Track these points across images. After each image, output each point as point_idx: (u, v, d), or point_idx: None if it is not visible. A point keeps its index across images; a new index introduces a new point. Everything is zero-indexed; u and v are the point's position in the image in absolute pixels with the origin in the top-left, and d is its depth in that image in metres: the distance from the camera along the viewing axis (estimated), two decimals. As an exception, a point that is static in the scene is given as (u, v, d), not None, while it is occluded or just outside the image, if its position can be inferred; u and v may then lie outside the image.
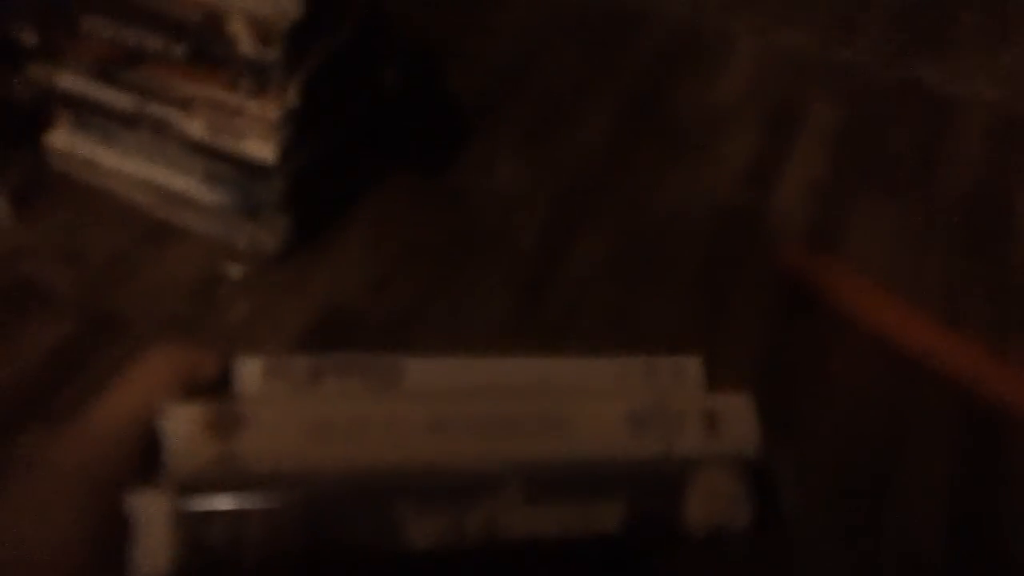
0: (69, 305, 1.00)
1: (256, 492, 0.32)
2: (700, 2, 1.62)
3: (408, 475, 0.34)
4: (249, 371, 0.35)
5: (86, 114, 1.09)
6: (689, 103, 1.44)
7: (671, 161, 1.33)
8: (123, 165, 1.11)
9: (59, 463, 0.33)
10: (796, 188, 1.32)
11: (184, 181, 1.09)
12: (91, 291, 1.02)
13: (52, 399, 0.90)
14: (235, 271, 1.08)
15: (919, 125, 1.43)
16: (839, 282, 1.16)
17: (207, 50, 0.97)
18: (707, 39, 1.56)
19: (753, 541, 0.35)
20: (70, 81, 1.06)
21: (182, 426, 0.32)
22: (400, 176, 1.20)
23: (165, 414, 0.32)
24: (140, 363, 0.36)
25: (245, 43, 0.94)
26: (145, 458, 0.33)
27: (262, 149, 1.01)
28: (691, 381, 0.40)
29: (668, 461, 0.36)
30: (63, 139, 1.12)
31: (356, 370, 0.36)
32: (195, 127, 1.03)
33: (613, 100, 1.42)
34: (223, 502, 0.31)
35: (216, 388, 0.36)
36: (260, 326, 1.02)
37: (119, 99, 1.05)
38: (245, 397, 0.35)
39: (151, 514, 0.30)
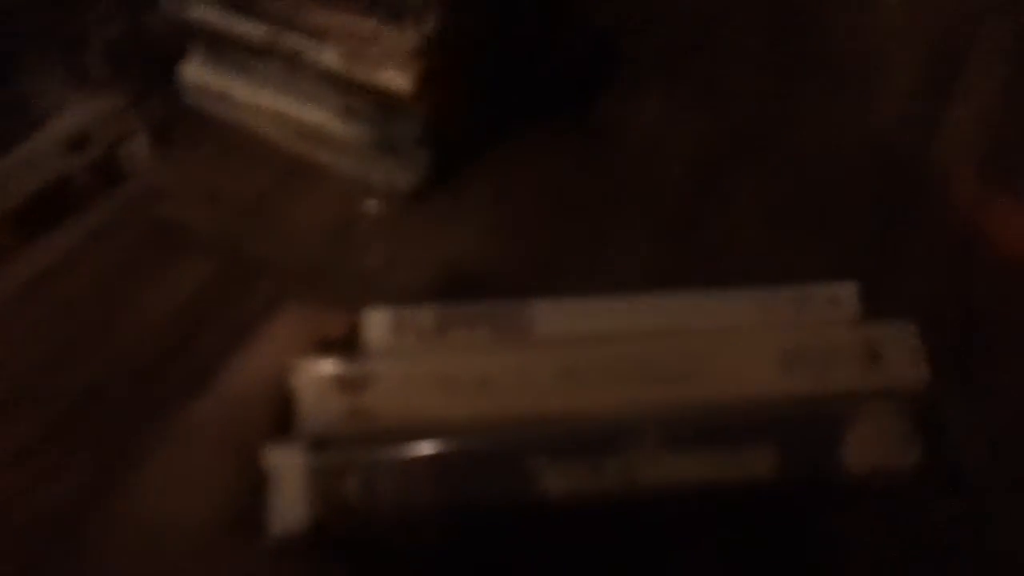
0: (210, 246, 1.06)
1: (387, 445, 0.34)
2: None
3: (540, 426, 0.35)
4: (377, 324, 0.37)
5: (219, 46, 1.14)
6: (845, 28, 1.39)
7: (827, 92, 1.29)
8: (257, 98, 1.16)
9: (199, 426, 0.36)
10: (967, 116, 1.25)
11: (319, 115, 1.12)
12: (230, 231, 1.08)
13: (196, 342, 0.96)
14: (372, 208, 1.11)
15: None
16: (1017, 220, 1.10)
17: (341, -25, 0.98)
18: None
19: (921, 485, 0.34)
20: (203, 12, 1.10)
21: (313, 383, 0.35)
22: (540, 115, 1.20)
23: (296, 372, 0.35)
24: (272, 324, 0.39)
25: (381, -35, 0.94)
26: (280, 416, 0.36)
27: (399, 79, 1.02)
28: (846, 310, 0.39)
29: (824, 399, 0.36)
30: (197, 72, 1.18)
31: (484, 320, 0.38)
32: (330, 57, 1.05)
33: (764, 28, 1.38)
34: (355, 456, 0.34)
35: (346, 343, 0.39)
36: (398, 269, 1.05)
37: (252, 29, 1.09)
38: (374, 351, 0.37)
39: (286, 470, 0.33)
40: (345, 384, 0.35)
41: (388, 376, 0.35)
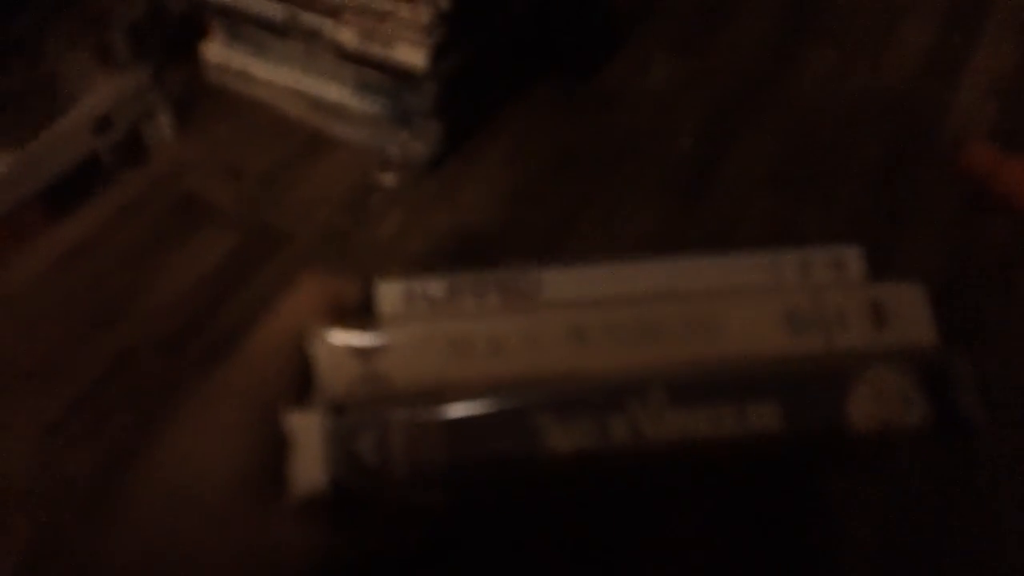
0: (232, 218, 1.08)
1: (400, 408, 0.35)
2: None
3: (546, 385, 0.35)
4: (389, 292, 0.38)
5: (239, 25, 1.16)
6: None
7: (841, 55, 1.29)
8: (276, 76, 1.18)
9: (223, 391, 0.38)
10: (982, 81, 1.25)
11: (336, 91, 1.15)
12: (251, 203, 1.10)
13: (220, 311, 0.99)
14: (387, 179, 1.13)
15: None
16: None
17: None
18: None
19: (927, 443, 0.34)
20: (223, -8, 1.12)
21: (330, 349, 0.36)
22: (551, 81, 1.22)
23: (314, 338, 0.37)
24: (291, 293, 0.41)
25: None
26: (300, 380, 0.39)
27: (412, 55, 1.04)
28: (851, 273, 0.38)
29: (830, 357, 0.36)
30: (217, 51, 1.21)
31: (493, 286, 0.38)
32: (346, 35, 1.07)
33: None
34: (370, 418, 0.35)
35: (361, 310, 0.41)
36: (412, 236, 1.07)
37: (271, 9, 1.11)
38: (386, 318, 0.38)
39: (305, 432, 0.34)
40: (360, 351, 0.36)
41: (401, 342, 0.36)
